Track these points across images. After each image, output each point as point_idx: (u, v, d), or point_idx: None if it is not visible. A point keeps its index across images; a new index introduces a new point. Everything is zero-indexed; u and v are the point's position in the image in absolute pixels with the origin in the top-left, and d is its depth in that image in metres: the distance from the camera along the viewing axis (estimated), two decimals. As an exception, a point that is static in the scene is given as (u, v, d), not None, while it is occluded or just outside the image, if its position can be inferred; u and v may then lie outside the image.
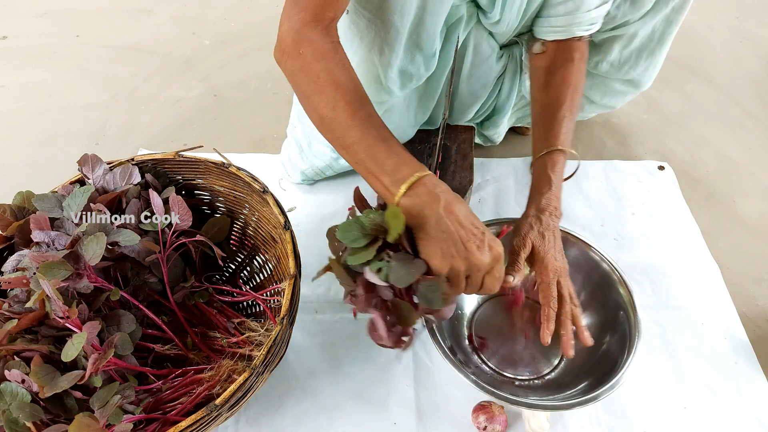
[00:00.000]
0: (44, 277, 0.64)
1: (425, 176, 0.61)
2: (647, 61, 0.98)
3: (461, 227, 0.59)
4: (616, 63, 0.98)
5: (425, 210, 0.59)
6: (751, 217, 1.16)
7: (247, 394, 0.67)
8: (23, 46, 1.60)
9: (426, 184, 0.60)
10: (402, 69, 0.81)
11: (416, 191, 0.60)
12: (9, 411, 0.60)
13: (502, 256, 0.61)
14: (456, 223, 0.59)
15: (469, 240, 0.59)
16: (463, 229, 0.59)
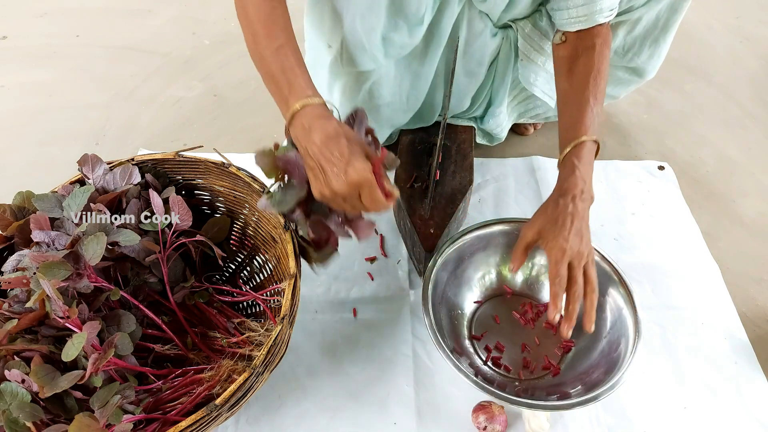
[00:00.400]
0: (44, 277, 0.64)
1: (307, 106, 0.66)
2: (651, 48, 0.98)
3: (322, 156, 0.62)
4: (620, 50, 0.98)
5: (301, 141, 0.65)
6: (751, 217, 1.16)
7: (247, 394, 0.67)
8: (23, 46, 1.60)
9: (304, 115, 0.65)
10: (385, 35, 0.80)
11: (297, 122, 0.66)
12: (9, 411, 0.60)
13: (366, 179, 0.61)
14: (318, 153, 0.63)
15: (326, 169, 0.62)
16: (323, 158, 0.62)
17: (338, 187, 0.62)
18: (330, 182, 0.62)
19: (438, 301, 0.85)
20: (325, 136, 0.63)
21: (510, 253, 0.93)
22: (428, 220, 0.95)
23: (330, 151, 0.62)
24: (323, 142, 0.63)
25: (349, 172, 0.61)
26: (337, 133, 0.63)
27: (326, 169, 0.62)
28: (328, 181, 0.63)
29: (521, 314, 0.92)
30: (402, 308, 0.97)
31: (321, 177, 0.63)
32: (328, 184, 0.63)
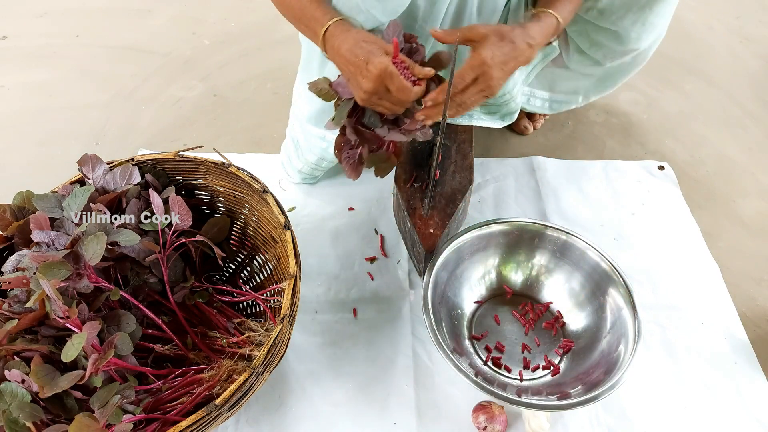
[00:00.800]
0: (44, 277, 0.64)
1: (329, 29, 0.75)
2: (635, 14, 0.97)
3: (349, 64, 0.71)
4: (606, 11, 0.97)
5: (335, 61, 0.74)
6: (751, 217, 1.16)
7: (247, 394, 0.67)
8: (23, 46, 1.60)
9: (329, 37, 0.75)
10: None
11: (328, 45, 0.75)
12: (9, 411, 0.60)
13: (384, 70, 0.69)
14: (345, 63, 0.72)
15: (355, 73, 0.71)
16: (351, 65, 0.71)
17: (366, 85, 0.70)
18: (360, 84, 0.70)
19: (438, 301, 0.85)
20: (346, 46, 0.72)
21: (509, 253, 0.94)
22: (428, 220, 0.95)
23: (354, 57, 0.71)
24: (347, 51, 0.72)
25: (369, 68, 0.69)
26: (356, 40, 0.72)
27: (354, 73, 0.71)
28: (359, 84, 0.71)
29: (521, 314, 0.92)
30: (402, 308, 0.97)
31: (354, 83, 0.71)
32: (360, 86, 0.71)
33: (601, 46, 1.05)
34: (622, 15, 0.97)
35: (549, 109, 1.25)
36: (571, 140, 1.31)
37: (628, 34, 1.00)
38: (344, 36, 0.74)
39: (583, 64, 1.12)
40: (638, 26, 0.99)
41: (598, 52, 1.06)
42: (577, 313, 0.90)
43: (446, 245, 0.88)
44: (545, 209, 1.14)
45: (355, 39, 0.73)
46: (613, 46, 1.04)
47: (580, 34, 1.05)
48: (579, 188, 1.18)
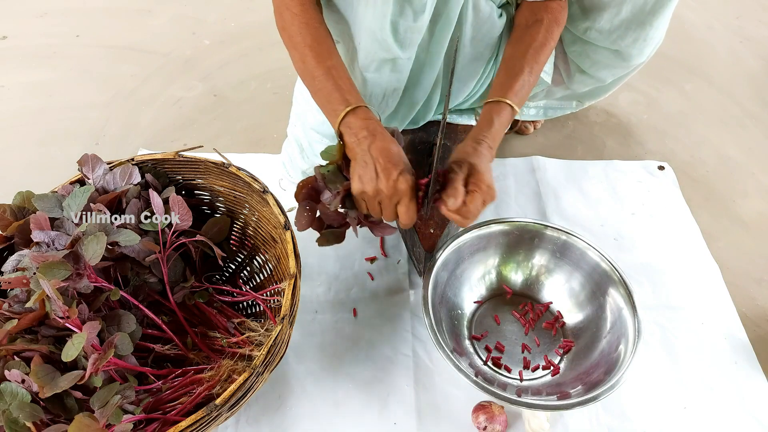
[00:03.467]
0: (44, 277, 0.64)
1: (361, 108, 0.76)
2: (636, 32, 0.97)
3: (381, 159, 0.72)
4: (604, 31, 0.98)
5: (358, 138, 0.74)
6: (751, 217, 1.16)
7: (247, 394, 0.67)
8: (23, 46, 1.60)
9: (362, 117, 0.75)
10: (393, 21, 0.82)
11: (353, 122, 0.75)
12: (9, 411, 0.60)
13: (410, 191, 0.73)
14: (378, 155, 0.72)
15: (383, 171, 0.71)
16: (379, 162, 0.72)
17: (387, 186, 0.71)
18: (380, 181, 0.72)
19: (438, 301, 0.85)
20: (389, 145, 0.73)
21: (509, 253, 0.94)
22: (428, 220, 0.95)
23: (390, 158, 0.72)
24: (385, 149, 0.73)
25: (400, 180, 0.71)
26: (399, 150, 0.74)
27: (380, 170, 0.71)
28: (379, 181, 0.72)
29: (521, 314, 0.92)
30: (402, 308, 0.97)
31: (371, 174, 0.72)
32: (378, 183, 0.72)
33: (604, 65, 1.05)
34: (621, 34, 0.98)
35: (543, 115, 1.26)
36: (571, 140, 1.31)
37: (629, 51, 1.01)
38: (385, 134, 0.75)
39: (585, 84, 1.13)
40: (639, 43, 0.99)
41: (600, 71, 1.07)
42: (577, 313, 0.90)
43: (446, 245, 0.88)
44: (545, 209, 1.14)
45: (398, 147, 0.75)
46: (616, 63, 1.04)
47: (580, 55, 1.05)
48: (579, 188, 1.18)
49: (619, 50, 1.01)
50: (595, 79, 1.09)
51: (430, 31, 0.91)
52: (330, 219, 0.80)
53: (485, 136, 0.82)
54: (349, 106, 0.76)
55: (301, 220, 0.78)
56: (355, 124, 0.75)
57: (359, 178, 0.73)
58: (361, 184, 0.73)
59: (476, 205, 0.75)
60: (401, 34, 0.84)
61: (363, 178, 0.73)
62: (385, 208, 0.75)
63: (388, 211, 0.75)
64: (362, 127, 0.75)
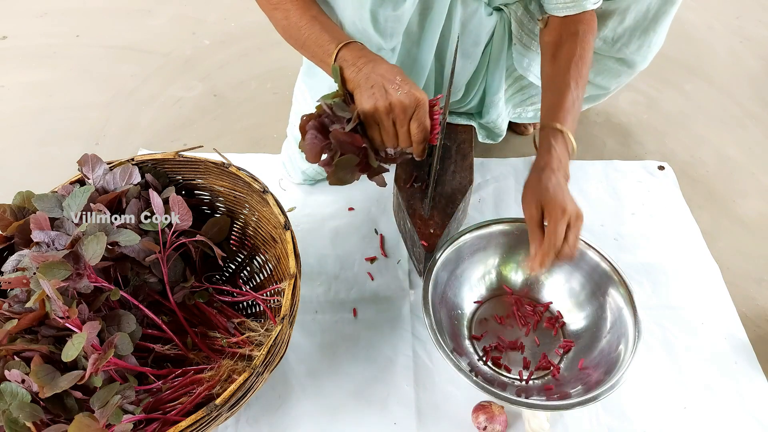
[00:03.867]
0: (44, 277, 0.64)
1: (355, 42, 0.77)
2: (640, 39, 0.97)
3: (385, 79, 0.71)
4: (609, 39, 0.98)
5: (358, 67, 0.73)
6: (751, 217, 1.16)
7: (247, 394, 0.67)
8: (23, 46, 1.60)
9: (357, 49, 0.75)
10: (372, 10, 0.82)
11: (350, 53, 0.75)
12: (9, 411, 0.60)
13: (423, 101, 0.72)
14: (381, 77, 0.71)
15: (390, 85, 0.71)
16: (387, 80, 0.71)
17: (399, 98, 0.70)
18: (391, 95, 0.70)
19: (438, 301, 0.85)
20: (389, 65, 0.73)
21: (509, 253, 0.94)
22: (428, 220, 0.95)
23: (395, 75, 0.72)
24: (388, 69, 0.72)
25: (413, 90, 0.71)
26: (399, 68, 0.73)
27: (388, 86, 0.71)
28: (389, 94, 0.70)
29: (521, 314, 0.92)
30: (402, 308, 0.97)
31: (381, 92, 0.71)
32: (388, 97, 0.70)
33: (608, 73, 1.05)
34: (626, 42, 0.98)
35: None
36: (571, 140, 1.31)
37: (633, 59, 1.01)
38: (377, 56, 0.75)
39: (588, 92, 1.13)
40: (644, 50, 0.99)
41: (604, 79, 1.07)
42: (577, 313, 0.90)
43: (446, 245, 0.88)
44: (545, 209, 1.13)
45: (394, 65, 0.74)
46: (621, 70, 1.04)
47: None
48: (579, 188, 1.18)
49: (624, 58, 1.01)
50: (599, 87, 1.10)
51: (420, 25, 0.91)
52: (344, 146, 0.74)
53: (546, 162, 0.80)
54: (340, 42, 0.76)
55: (311, 149, 0.73)
56: (352, 55, 0.75)
57: (369, 98, 0.71)
58: (373, 101, 0.71)
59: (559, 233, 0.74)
60: (381, 23, 0.83)
61: (372, 96, 0.71)
62: (400, 124, 0.72)
63: (403, 128, 0.73)
64: (359, 56, 0.74)
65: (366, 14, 0.81)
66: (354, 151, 0.74)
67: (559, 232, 0.75)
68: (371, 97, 0.71)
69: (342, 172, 0.75)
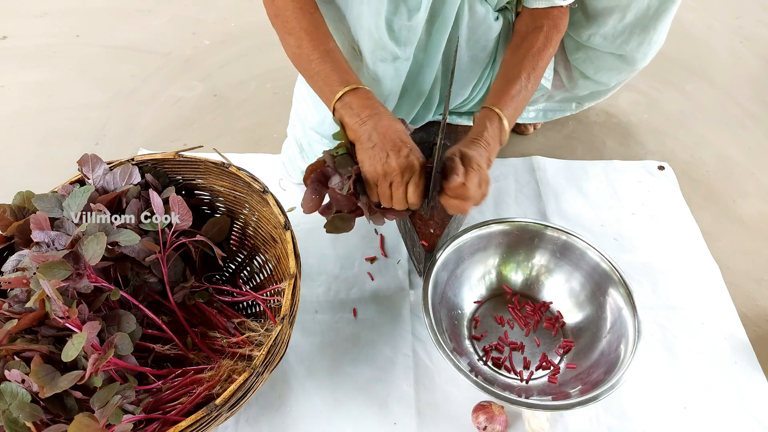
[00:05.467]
0: (44, 277, 0.64)
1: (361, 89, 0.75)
2: (640, 36, 0.97)
3: (387, 140, 0.71)
4: (609, 36, 0.98)
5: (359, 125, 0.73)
6: (751, 217, 1.16)
7: (247, 394, 0.67)
8: (23, 46, 1.60)
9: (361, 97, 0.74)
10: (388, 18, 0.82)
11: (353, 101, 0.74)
12: (9, 411, 0.60)
13: (418, 167, 0.72)
14: (383, 137, 0.71)
15: (392, 150, 0.71)
16: (388, 141, 0.71)
17: (399, 164, 0.71)
18: (390, 160, 0.71)
19: (438, 301, 0.85)
20: (392, 123, 0.73)
21: (509, 253, 0.94)
22: (428, 220, 0.95)
23: (398, 137, 0.72)
24: (391, 128, 0.72)
25: (412, 156, 0.72)
26: (404, 129, 0.74)
27: (389, 149, 0.71)
28: (389, 160, 0.71)
29: (521, 314, 0.92)
30: (402, 308, 0.97)
31: (381, 155, 0.71)
32: (388, 162, 0.71)
33: (608, 69, 1.05)
34: (626, 39, 0.98)
35: (543, 118, 1.26)
36: (571, 140, 1.31)
37: (633, 55, 1.01)
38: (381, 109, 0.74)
39: (588, 88, 1.13)
40: (644, 47, 0.99)
41: (604, 76, 1.07)
42: (577, 313, 0.90)
43: (446, 245, 0.88)
44: (545, 209, 1.14)
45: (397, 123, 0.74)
46: (621, 67, 1.04)
47: (584, 61, 1.05)
48: (579, 188, 1.18)
49: (624, 54, 1.01)
50: (599, 83, 1.10)
51: (428, 31, 0.91)
52: (340, 204, 0.77)
53: (478, 136, 0.81)
54: (348, 85, 0.75)
55: (308, 202, 0.76)
56: (357, 104, 0.74)
57: (369, 159, 0.72)
58: (371, 165, 0.72)
59: (473, 183, 0.74)
60: (396, 32, 0.84)
61: (373, 158, 0.72)
62: (395, 187, 0.73)
63: (399, 191, 0.73)
64: (365, 106, 0.74)
65: (382, 23, 0.81)
66: (350, 209, 0.78)
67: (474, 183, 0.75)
68: (371, 159, 0.72)
69: (338, 223, 0.79)
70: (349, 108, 0.75)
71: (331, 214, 0.78)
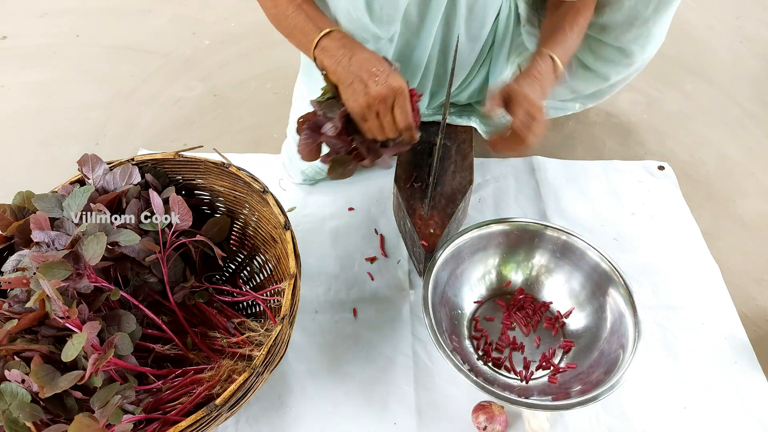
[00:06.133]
0: (44, 277, 0.64)
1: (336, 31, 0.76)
2: (639, 29, 0.97)
3: (363, 70, 0.72)
4: (607, 26, 0.98)
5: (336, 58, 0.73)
6: (751, 217, 1.16)
7: (247, 394, 0.67)
8: (23, 46, 1.60)
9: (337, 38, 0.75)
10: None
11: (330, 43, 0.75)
12: (9, 411, 0.60)
13: (402, 89, 0.72)
14: (359, 67, 0.72)
15: (369, 79, 0.71)
16: (364, 71, 0.71)
17: (377, 91, 0.70)
18: (369, 89, 0.71)
19: (438, 301, 0.85)
20: (364, 55, 0.73)
21: (509, 253, 0.94)
22: (428, 220, 0.95)
23: (372, 66, 0.72)
24: (363, 59, 0.72)
25: (390, 80, 0.71)
26: (374, 55, 0.74)
27: (366, 79, 0.71)
28: (368, 89, 0.71)
29: (521, 314, 0.92)
30: (402, 308, 0.97)
31: (360, 87, 0.71)
32: (368, 91, 0.71)
33: (606, 60, 1.05)
34: (624, 30, 0.97)
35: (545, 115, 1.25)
36: (571, 140, 1.31)
37: (631, 48, 1.01)
38: (361, 46, 0.75)
39: (588, 81, 1.12)
40: (641, 40, 0.99)
41: (603, 67, 1.07)
42: (577, 313, 0.90)
43: (446, 245, 0.88)
44: (545, 209, 1.14)
45: (372, 54, 0.74)
46: (618, 59, 1.04)
47: (583, 49, 1.05)
48: (579, 188, 1.18)
49: (622, 47, 1.01)
50: (598, 75, 1.09)
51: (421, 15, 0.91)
52: (336, 147, 0.78)
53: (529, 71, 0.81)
54: (321, 30, 0.76)
55: (304, 149, 0.77)
56: (331, 45, 0.75)
57: (351, 95, 0.72)
58: (354, 101, 0.72)
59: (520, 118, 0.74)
60: (377, 11, 0.83)
61: (355, 93, 0.72)
62: (383, 115, 0.73)
63: (387, 118, 0.73)
64: (339, 46, 0.75)
65: (360, 3, 0.81)
66: (345, 149, 0.78)
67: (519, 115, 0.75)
68: (353, 95, 0.72)
69: (339, 167, 0.79)
70: (326, 51, 0.75)
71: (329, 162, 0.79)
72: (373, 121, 0.75)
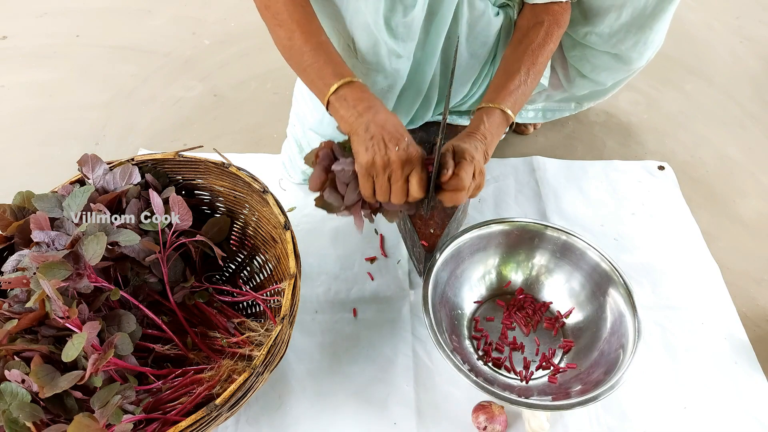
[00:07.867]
0: (44, 277, 0.64)
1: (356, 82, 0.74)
2: (636, 36, 0.97)
3: (385, 132, 0.70)
4: (605, 35, 0.98)
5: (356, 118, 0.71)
6: (751, 217, 1.16)
7: (247, 394, 0.67)
8: (23, 46, 1.60)
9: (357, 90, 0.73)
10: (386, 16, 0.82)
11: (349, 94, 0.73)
12: (9, 411, 0.60)
13: (418, 159, 0.71)
14: (381, 129, 0.70)
15: (391, 141, 0.69)
16: (386, 134, 0.70)
17: (399, 155, 0.69)
18: (390, 151, 0.69)
19: (438, 301, 0.85)
20: (390, 115, 0.72)
21: (509, 253, 0.94)
22: (428, 220, 0.95)
23: (395, 129, 0.70)
24: (389, 120, 0.71)
25: (412, 148, 0.70)
26: (401, 123, 0.72)
27: (388, 141, 0.69)
28: (389, 151, 0.69)
29: (521, 314, 0.92)
30: (402, 308, 0.97)
31: (380, 146, 0.69)
32: (388, 153, 0.69)
33: (604, 68, 1.05)
34: (621, 38, 0.98)
35: (542, 118, 1.26)
36: (571, 140, 1.31)
37: (629, 55, 1.01)
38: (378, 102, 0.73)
39: (585, 87, 1.12)
40: (639, 46, 0.99)
41: (600, 75, 1.07)
42: (577, 313, 0.90)
43: (446, 245, 0.88)
44: (545, 209, 1.14)
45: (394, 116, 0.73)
46: (616, 66, 1.04)
47: (580, 59, 1.05)
48: (579, 188, 1.18)
49: (619, 54, 1.01)
50: (596, 83, 1.10)
51: (425, 29, 0.91)
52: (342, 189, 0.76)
53: (474, 130, 0.80)
54: (343, 78, 0.73)
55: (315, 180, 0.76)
56: (352, 96, 0.73)
57: (366, 150, 0.70)
58: (368, 155, 0.70)
59: (467, 174, 0.72)
60: (394, 29, 0.83)
61: (371, 149, 0.69)
62: (395, 180, 0.71)
63: (398, 184, 0.71)
64: (361, 99, 0.72)
65: (380, 19, 0.81)
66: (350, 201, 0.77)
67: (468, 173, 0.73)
68: (369, 150, 0.69)
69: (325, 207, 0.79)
70: (344, 101, 0.73)
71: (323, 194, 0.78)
72: (382, 183, 0.72)
